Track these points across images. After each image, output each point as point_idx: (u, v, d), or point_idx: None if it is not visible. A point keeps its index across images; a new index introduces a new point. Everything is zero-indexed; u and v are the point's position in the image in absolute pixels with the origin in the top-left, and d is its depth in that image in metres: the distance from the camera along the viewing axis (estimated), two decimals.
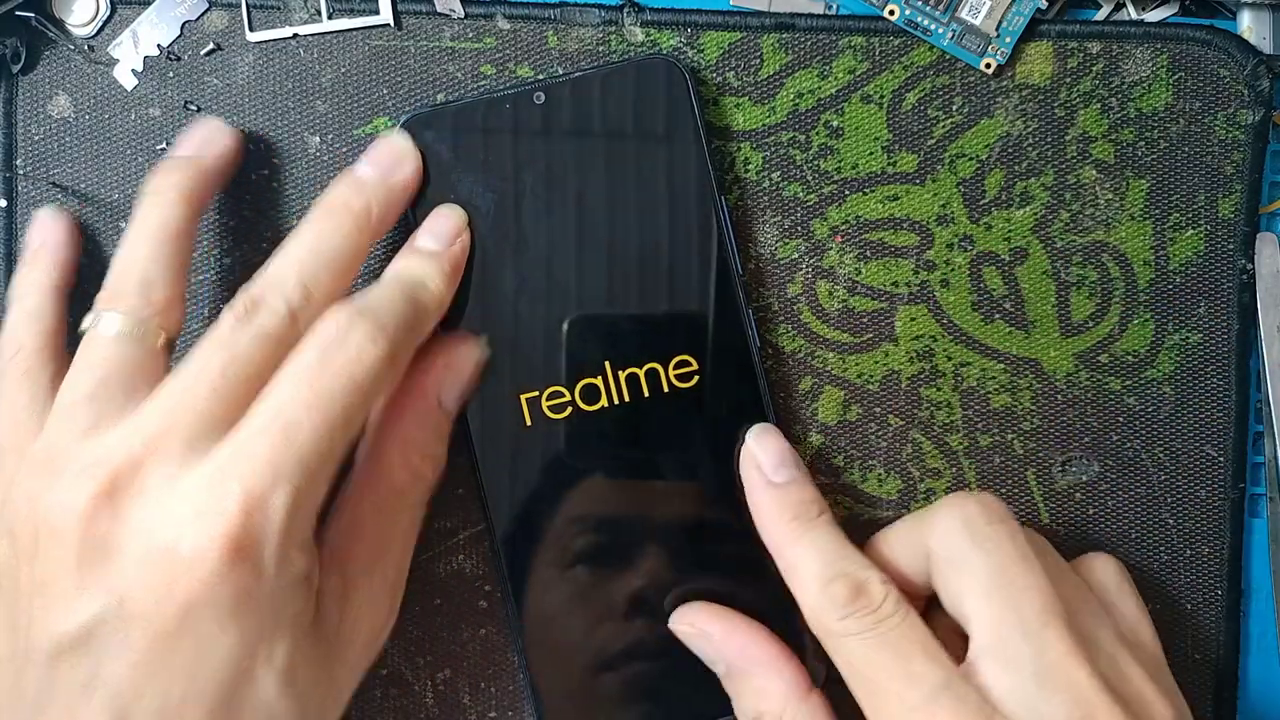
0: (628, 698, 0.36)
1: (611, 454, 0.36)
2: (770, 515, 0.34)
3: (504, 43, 0.37)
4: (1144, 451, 0.38)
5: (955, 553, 0.32)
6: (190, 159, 0.35)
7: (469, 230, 0.35)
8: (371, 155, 0.35)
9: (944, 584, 0.33)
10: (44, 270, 0.35)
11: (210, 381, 0.30)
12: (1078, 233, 0.38)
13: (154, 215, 0.33)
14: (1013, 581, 0.31)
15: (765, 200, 0.37)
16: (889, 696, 0.31)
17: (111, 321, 0.32)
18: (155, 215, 0.33)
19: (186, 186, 0.34)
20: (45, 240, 0.36)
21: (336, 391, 0.30)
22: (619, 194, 0.36)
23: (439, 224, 0.35)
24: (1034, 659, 0.30)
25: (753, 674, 0.34)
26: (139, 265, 0.32)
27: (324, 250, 0.32)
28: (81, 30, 0.37)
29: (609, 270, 0.36)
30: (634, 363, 0.36)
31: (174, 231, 0.33)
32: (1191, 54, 0.37)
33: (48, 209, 0.36)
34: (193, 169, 0.34)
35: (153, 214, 0.33)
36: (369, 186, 0.34)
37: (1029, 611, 0.31)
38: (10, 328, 0.34)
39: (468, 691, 0.37)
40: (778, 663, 0.34)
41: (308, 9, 0.37)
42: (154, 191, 0.34)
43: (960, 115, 0.37)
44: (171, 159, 0.35)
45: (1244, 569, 0.38)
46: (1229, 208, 0.37)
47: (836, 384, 0.38)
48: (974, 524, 0.32)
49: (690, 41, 0.37)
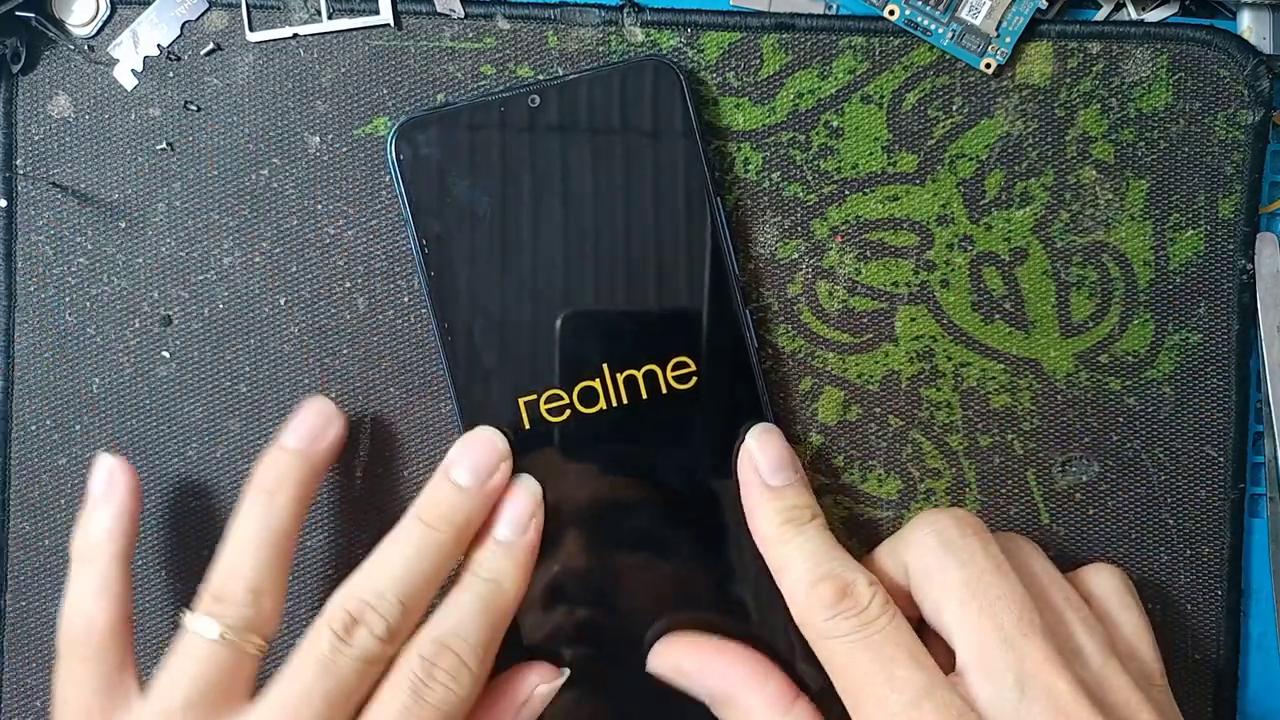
0: (628, 698, 0.36)
1: (610, 456, 0.36)
2: (763, 517, 0.34)
3: (504, 43, 0.37)
4: (1144, 451, 0.38)
5: (931, 566, 0.33)
6: (301, 455, 0.34)
7: (542, 508, 0.35)
8: (468, 459, 0.34)
9: (923, 597, 0.33)
10: (112, 536, 0.34)
11: (316, 711, 0.31)
12: (1078, 233, 0.38)
13: (262, 517, 0.33)
14: (988, 591, 0.31)
15: (765, 200, 0.37)
16: (872, 700, 0.31)
17: (213, 627, 0.32)
18: (264, 517, 0.33)
19: (298, 488, 0.34)
20: (113, 497, 0.34)
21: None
22: (616, 196, 0.36)
23: (514, 509, 0.35)
24: (1014, 667, 0.30)
25: (734, 696, 0.34)
26: (247, 571, 0.32)
27: (424, 565, 0.33)
28: (81, 30, 0.37)
29: (606, 271, 0.36)
30: (632, 365, 0.36)
31: (283, 536, 0.33)
32: (1191, 54, 0.37)
33: (112, 459, 0.35)
34: (304, 468, 0.34)
35: (261, 515, 0.33)
36: (468, 496, 0.34)
37: (1007, 620, 0.31)
38: (79, 597, 0.33)
39: None
40: (755, 680, 0.34)
41: (308, 9, 0.37)
42: (263, 490, 0.33)
43: (960, 115, 0.37)
44: (282, 452, 0.34)
45: (1244, 569, 0.38)
46: (1229, 208, 0.37)
47: (836, 384, 0.38)
48: (947, 537, 0.33)
49: (690, 41, 0.37)
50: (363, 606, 0.32)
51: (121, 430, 0.37)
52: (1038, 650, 0.30)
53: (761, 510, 0.34)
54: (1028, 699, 0.30)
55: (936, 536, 0.33)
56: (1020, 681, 0.30)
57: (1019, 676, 0.30)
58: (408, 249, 0.37)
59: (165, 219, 0.37)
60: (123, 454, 0.37)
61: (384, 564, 0.33)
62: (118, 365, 0.37)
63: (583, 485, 0.36)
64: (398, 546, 0.33)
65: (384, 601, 0.32)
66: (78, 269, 0.37)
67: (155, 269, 0.37)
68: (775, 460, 0.35)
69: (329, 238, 0.37)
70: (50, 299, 0.37)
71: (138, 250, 0.37)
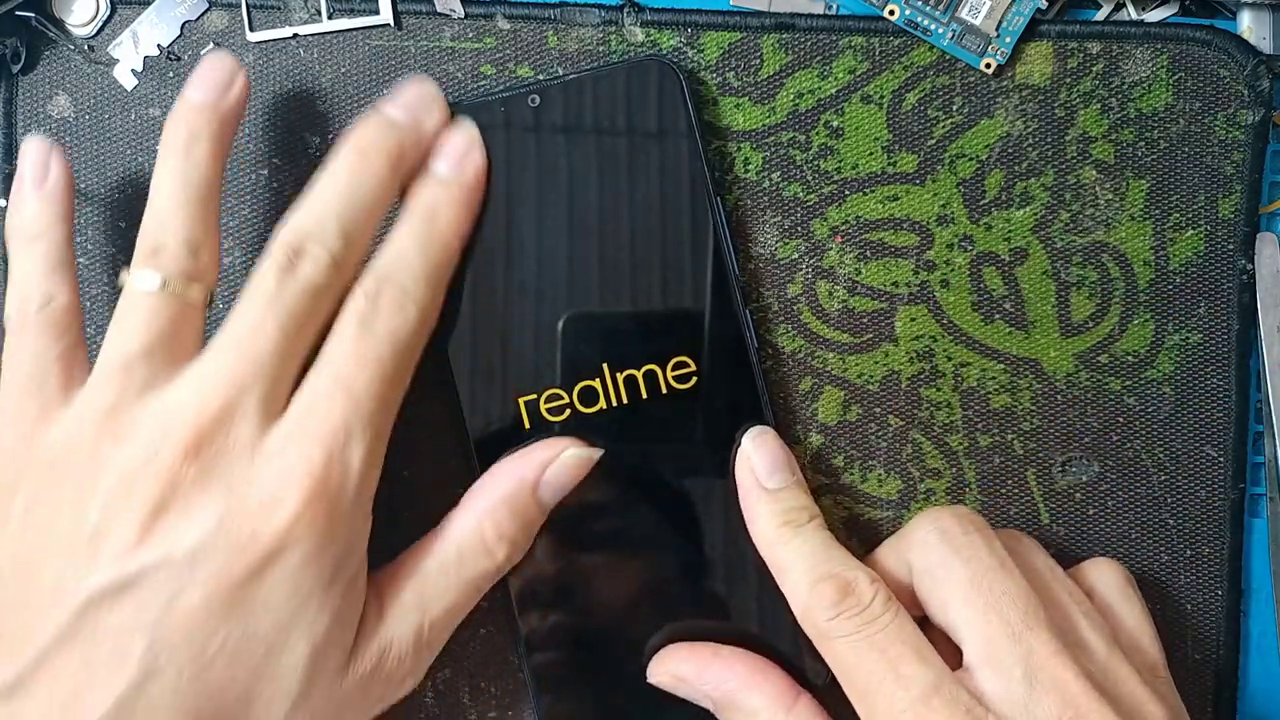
0: (627, 698, 0.36)
1: (610, 455, 0.36)
2: (761, 519, 0.34)
3: (504, 43, 0.37)
4: (1144, 452, 0.38)
5: (935, 563, 0.33)
6: (209, 106, 0.33)
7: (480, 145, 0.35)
8: (402, 99, 0.34)
9: (928, 595, 0.33)
10: (58, 214, 0.33)
11: (270, 339, 0.31)
12: (1078, 233, 0.38)
13: (183, 170, 0.32)
14: (993, 587, 0.31)
15: (765, 200, 0.37)
16: (880, 698, 0.31)
17: (153, 279, 0.31)
18: (184, 171, 0.32)
19: (212, 142, 0.33)
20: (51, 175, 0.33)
21: (384, 354, 0.32)
22: (615, 196, 0.36)
23: (448, 145, 0.34)
24: (1022, 661, 0.30)
25: (736, 698, 0.34)
26: (177, 222, 0.32)
27: (360, 193, 0.32)
28: (81, 30, 0.37)
29: (606, 272, 0.36)
30: (632, 364, 0.36)
31: (206, 189, 0.32)
32: (1191, 54, 0.37)
33: (41, 139, 0.34)
34: (215, 120, 0.33)
35: (181, 169, 0.32)
36: (401, 129, 0.34)
37: (1013, 615, 0.31)
38: (32, 274, 0.32)
39: (468, 691, 0.38)
40: (754, 680, 0.34)
41: (308, 9, 0.37)
42: (178, 146, 0.33)
43: (960, 115, 0.37)
44: (189, 106, 0.33)
45: (1244, 569, 0.38)
46: (1229, 208, 0.37)
47: (836, 384, 0.38)
48: (950, 534, 0.33)
49: (690, 41, 0.37)
50: (303, 238, 0.32)
51: None
52: (1044, 644, 0.31)
53: (759, 513, 0.34)
54: (1036, 692, 0.30)
55: (940, 534, 0.33)
56: (1029, 675, 0.30)
57: (1027, 670, 0.30)
58: None
59: None
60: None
61: (321, 197, 0.32)
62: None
63: (582, 484, 0.35)
64: (333, 179, 0.33)
65: (324, 231, 0.32)
66: (78, 269, 0.37)
67: None
68: (771, 463, 0.35)
69: None
70: None
71: None
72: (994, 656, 0.31)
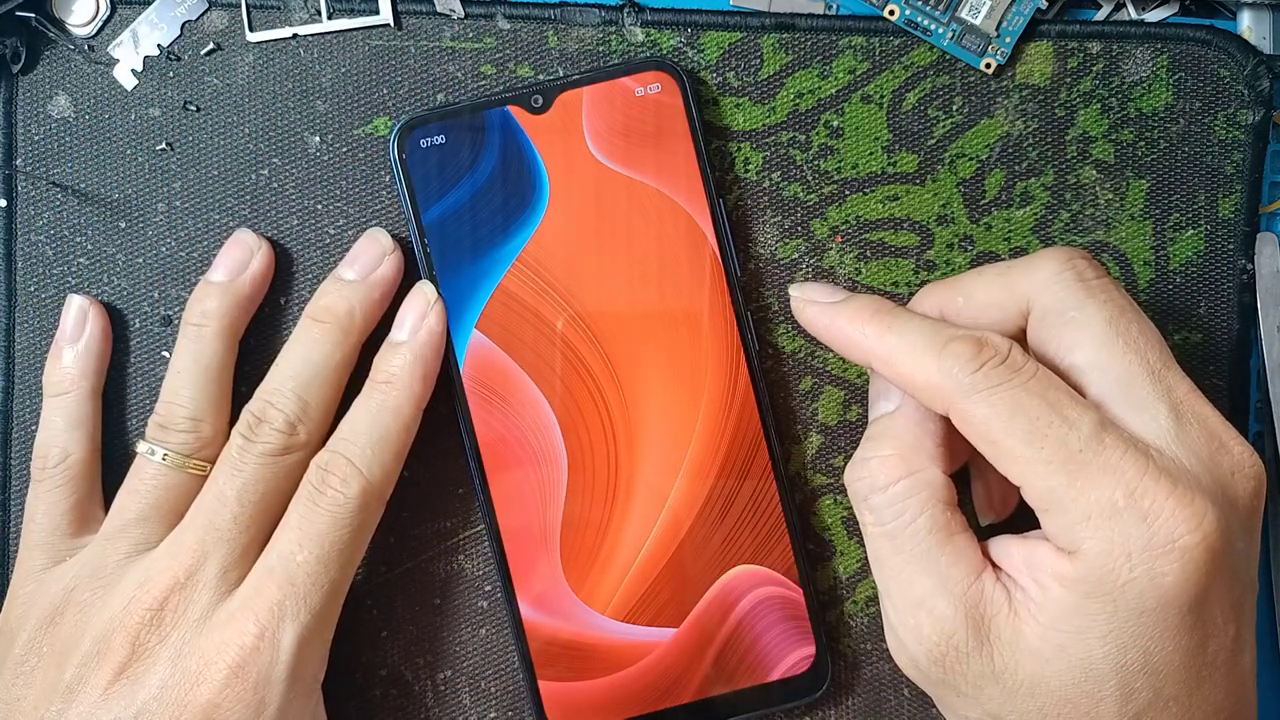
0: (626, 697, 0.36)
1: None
2: (852, 324, 0.33)
3: (504, 43, 0.37)
4: None
5: (1068, 304, 0.32)
6: (227, 287, 0.36)
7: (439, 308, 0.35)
8: (352, 255, 0.36)
9: (1051, 335, 0.32)
10: (86, 373, 0.36)
11: (231, 510, 0.34)
12: (1078, 233, 0.38)
13: (193, 351, 0.35)
14: (1130, 327, 0.31)
15: (765, 200, 0.37)
16: (1048, 442, 0.29)
17: (156, 452, 0.35)
18: (194, 351, 0.35)
19: (225, 319, 0.36)
20: (85, 335, 0.36)
21: (324, 530, 0.33)
22: (616, 196, 0.36)
23: (406, 312, 0.36)
24: (1165, 398, 0.30)
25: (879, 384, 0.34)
26: (185, 401, 0.35)
27: (313, 358, 0.35)
28: (81, 30, 0.37)
29: (606, 272, 0.36)
30: (631, 364, 0.36)
31: (217, 366, 0.35)
32: (1191, 54, 0.37)
33: (82, 298, 0.37)
34: (230, 299, 0.36)
35: (192, 349, 0.35)
36: (352, 288, 0.35)
37: (1151, 355, 0.31)
38: (54, 430, 0.36)
39: (468, 691, 0.38)
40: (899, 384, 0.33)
41: (308, 9, 0.37)
42: (194, 323, 0.35)
43: (960, 115, 0.37)
44: (209, 285, 0.36)
45: None
46: (1229, 208, 0.37)
47: (836, 384, 0.38)
48: (1086, 275, 0.32)
49: (690, 41, 0.37)
50: (264, 405, 0.34)
51: (122, 430, 0.37)
52: (1181, 381, 0.31)
53: (845, 319, 0.33)
54: (1183, 425, 0.30)
55: (1075, 274, 0.32)
56: (1174, 410, 0.30)
57: (1171, 406, 0.30)
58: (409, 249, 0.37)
59: (165, 219, 0.37)
60: (124, 454, 0.37)
61: (279, 365, 0.35)
62: (118, 365, 0.37)
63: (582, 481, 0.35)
64: (291, 347, 0.35)
65: (280, 396, 0.34)
66: (78, 269, 0.37)
67: (155, 269, 0.37)
68: (828, 289, 0.35)
69: (329, 238, 0.37)
70: (50, 299, 0.37)
71: (138, 250, 0.37)
72: (1135, 394, 0.30)
